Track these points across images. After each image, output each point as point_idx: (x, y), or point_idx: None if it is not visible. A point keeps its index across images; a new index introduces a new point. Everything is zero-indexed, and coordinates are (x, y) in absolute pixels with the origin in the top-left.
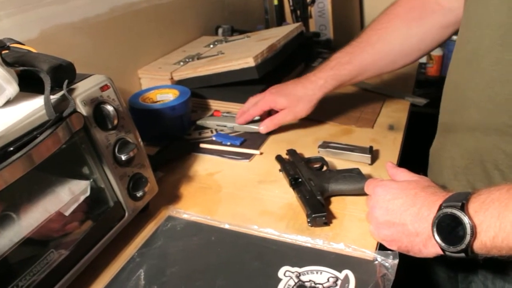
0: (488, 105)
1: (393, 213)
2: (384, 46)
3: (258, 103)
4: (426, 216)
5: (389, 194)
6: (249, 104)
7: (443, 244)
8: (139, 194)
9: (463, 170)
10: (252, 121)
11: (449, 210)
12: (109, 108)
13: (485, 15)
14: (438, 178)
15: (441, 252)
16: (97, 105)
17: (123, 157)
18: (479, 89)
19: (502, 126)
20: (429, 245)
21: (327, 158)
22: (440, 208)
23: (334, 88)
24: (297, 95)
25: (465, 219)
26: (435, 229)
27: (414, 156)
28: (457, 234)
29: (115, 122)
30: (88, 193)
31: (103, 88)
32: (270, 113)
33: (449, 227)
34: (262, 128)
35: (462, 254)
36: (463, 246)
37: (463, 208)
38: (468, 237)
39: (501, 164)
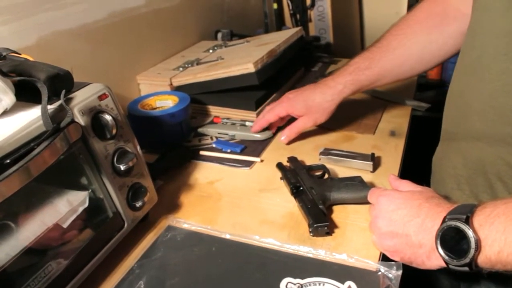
0: (491, 116)
1: (396, 224)
2: (404, 52)
3: (274, 108)
4: (430, 228)
5: (392, 204)
6: (265, 111)
7: (446, 257)
8: (138, 204)
9: (466, 180)
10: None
11: (453, 223)
12: (108, 117)
13: (490, 23)
14: (441, 187)
15: (444, 265)
16: (95, 114)
17: (122, 167)
18: (482, 99)
19: (506, 137)
20: (432, 257)
21: (328, 166)
22: (444, 221)
23: (353, 93)
24: (316, 101)
25: (470, 233)
26: (438, 242)
27: (417, 162)
28: (461, 247)
29: (114, 131)
30: (86, 204)
31: (102, 97)
32: (287, 121)
33: (453, 240)
34: (284, 138)
35: (466, 268)
36: (467, 260)
37: (467, 221)
38: (472, 251)
39: (504, 175)
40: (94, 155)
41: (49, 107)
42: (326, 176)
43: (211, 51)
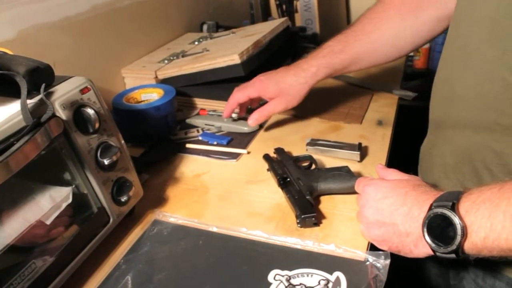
0: (477, 103)
1: (383, 213)
2: (378, 36)
3: (245, 89)
4: (416, 216)
5: (379, 193)
6: (235, 91)
7: (433, 245)
8: (123, 198)
9: (453, 169)
10: (240, 119)
11: (439, 210)
12: (90, 111)
13: (474, 10)
14: (429, 176)
15: (431, 253)
16: (77, 108)
17: (106, 162)
18: (468, 86)
19: (491, 124)
20: (419, 245)
21: (315, 156)
22: (430, 208)
23: (326, 76)
24: (288, 83)
25: (456, 220)
26: (425, 229)
27: (404, 151)
28: (448, 234)
29: (97, 125)
30: (70, 200)
31: (84, 91)
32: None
33: (439, 227)
34: (251, 121)
35: (453, 255)
36: (453, 247)
37: (453, 208)
38: (458, 238)
39: (490, 163)
40: (77, 150)
41: (29, 101)
42: (313, 166)
43: (196, 43)
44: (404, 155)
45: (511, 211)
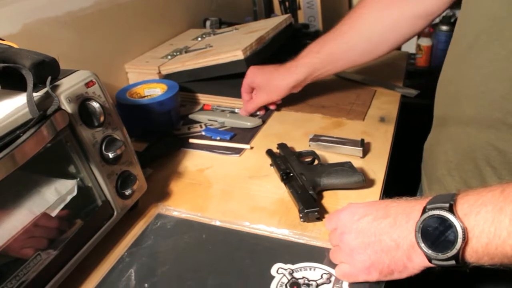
0: (482, 101)
1: (365, 232)
2: (353, 34)
3: (242, 90)
4: (404, 224)
5: (356, 214)
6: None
7: (429, 252)
8: (127, 192)
9: (456, 166)
10: (244, 117)
11: (436, 212)
12: (95, 104)
13: (482, 8)
14: (433, 173)
15: (428, 264)
16: (82, 102)
17: (111, 155)
18: (473, 85)
19: (495, 123)
20: (413, 256)
21: (318, 152)
22: (424, 211)
23: (306, 75)
24: (272, 78)
25: (456, 221)
26: (419, 235)
27: (407, 148)
28: (447, 238)
29: (102, 119)
30: (75, 193)
31: (89, 84)
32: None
33: (436, 231)
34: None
35: (452, 262)
36: (454, 251)
37: (451, 209)
38: (459, 242)
39: (493, 161)
40: (82, 143)
41: (34, 94)
42: (316, 162)
43: (199, 39)
44: (407, 153)
45: None
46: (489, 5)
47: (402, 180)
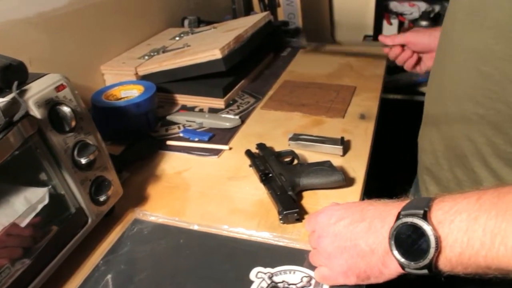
0: (457, 92)
1: (341, 236)
2: None
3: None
4: (379, 229)
5: (333, 217)
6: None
7: (402, 260)
8: (102, 198)
9: (443, 155)
10: (222, 118)
11: (409, 220)
12: (66, 109)
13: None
14: (424, 163)
15: (402, 270)
16: (52, 106)
17: (83, 161)
18: (451, 76)
19: (467, 114)
20: (388, 263)
21: (298, 151)
22: (398, 217)
23: None
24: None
25: (429, 230)
26: (393, 242)
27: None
28: (420, 247)
29: (73, 124)
30: (46, 201)
31: (59, 88)
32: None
33: (409, 239)
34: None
35: (425, 271)
36: (426, 261)
37: (425, 217)
38: (432, 251)
39: (467, 151)
40: (53, 149)
41: (0, 100)
42: (295, 162)
43: (177, 38)
44: (390, 148)
45: (491, 226)
46: None
47: (383, 177)
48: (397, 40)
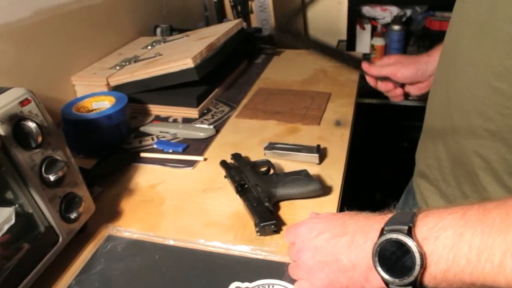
0: (466, 107)
1: (322, 250)
2: None
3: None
4: (362, 244)
5: (314, 231)
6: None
7: (386, 277)
8: (73, 215)
9: (451, 172)
10: (197, 128)
11: (393, 236)
12: (32, 124)
13: (465, 11)
14: (428, 177)
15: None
16: (16, 122)
17: (52, 177)
18: (458, 91)
19: (477, 130)
20: (371, 278)
21: (273, 160)
22: (382, 233)
23: None
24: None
25: (414, 247)
26: (377, 259)
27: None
28: (404, 264)
29: (39, 139)
30: (13, 221)
31: (24, 103)
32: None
33: (394, 255)
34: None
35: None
36: (411, 278)
37: (410, 233)
38: (417, 268)
39: (478, 168)
40: (18, 167)
41: None
42: (271, 171)
43: (149, 47)
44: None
45: (477, 243)
46: (470, 8)
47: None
48: (383, 72)
